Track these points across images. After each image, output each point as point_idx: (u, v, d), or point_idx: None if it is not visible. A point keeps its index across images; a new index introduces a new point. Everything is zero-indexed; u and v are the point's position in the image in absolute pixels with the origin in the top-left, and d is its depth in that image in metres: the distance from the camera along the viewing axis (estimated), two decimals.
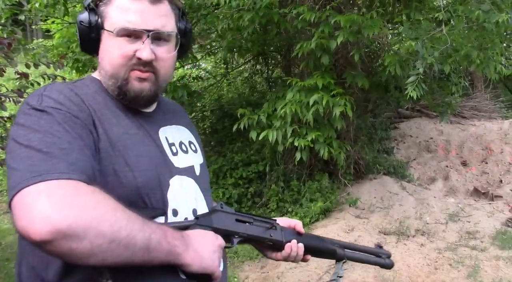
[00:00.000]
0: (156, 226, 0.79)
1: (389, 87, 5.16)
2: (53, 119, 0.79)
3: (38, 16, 5.33)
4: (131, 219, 0.74)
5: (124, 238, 0.72)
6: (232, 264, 3.91)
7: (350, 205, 4.92)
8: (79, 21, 0.92)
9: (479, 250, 3.95)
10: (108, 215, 0.71)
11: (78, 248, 0.68)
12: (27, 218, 0.67)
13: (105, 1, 0.92)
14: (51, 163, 0.72)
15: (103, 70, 0.94)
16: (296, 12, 4.17)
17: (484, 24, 3.49)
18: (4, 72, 2.79)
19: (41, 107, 0.80)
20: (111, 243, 0.70)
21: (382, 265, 1.28)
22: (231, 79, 7.56)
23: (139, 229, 0.75)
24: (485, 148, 6.18)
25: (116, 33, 0.89)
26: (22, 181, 0.70)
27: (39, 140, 0.75)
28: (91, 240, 0.68)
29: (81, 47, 0.96)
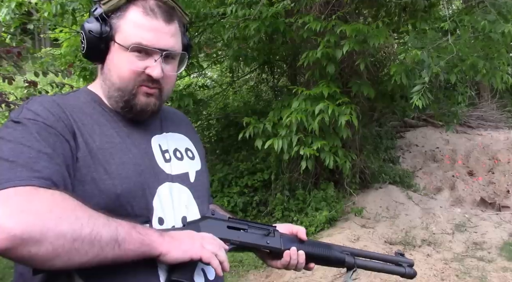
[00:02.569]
0: (123, 221, 0.79)
1: (394, 97, 5.16)
2: (26, 130, 0.80)
3: (47, 25, 5.40)
4: (93, 216, 0.75)
5: (87, 234, 0.72)
6: (237, 273, 3.89)
7: (356, 214, 4.89)
8: (88, 30, 0.92)
9: (486, 261, 3.91)
10: (66, 214, 0.71)
11: (40, 251, 0.68)
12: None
13: (118, 14, 0.92)
14: (14, 171, 0.73)
15: (109, 82, 0.94)
16: (302, 21, 4.20)
17: (490, 34, 3.50)
18: (14, 81, 2.82)
19: (17, 119, 0.82)
20: (74, 241, 0.70)
21: (403, 274, 1.20)
22: (237, 88, 7.59)
23: (103, 224, 0.75)
24: (491, 158, 6.14)
25: (129, 48, 0.90)
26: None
27: (9, 150, 0.77)
28: (52, 242, 0.68)
29: (85, 55, 0.96)
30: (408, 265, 1.21)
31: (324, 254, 1.09)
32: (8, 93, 3.01)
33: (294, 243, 1.07)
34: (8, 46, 2.82)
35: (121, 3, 0.92)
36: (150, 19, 0.91)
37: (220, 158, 6.18)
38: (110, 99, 0.95)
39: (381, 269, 1.19)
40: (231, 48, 5.05)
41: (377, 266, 1.18)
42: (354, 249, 1.15)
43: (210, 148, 6.73)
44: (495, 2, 3.74)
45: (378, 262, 1.19)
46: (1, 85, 5.68)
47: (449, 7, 4.41)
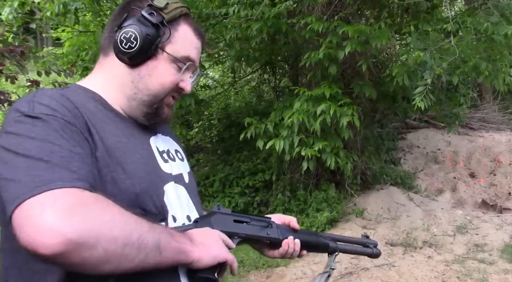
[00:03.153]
0: (162, 227, 0.80)
1: (396, 98, 5.16)
2: (48, 126, 0.75)
3: (49, 24, 5.41)
4: (138, 221, 0.74)
5: (136, 240, 0.71)
6: (238, 273, 3.89)
7: (357, 215, 4.89)
8: (146, 33, 0.89)
9: (488, 263, 3.90)
10: (117, 219, 0.70)
11: (92, 256, 0.66)
12: (33, 231, 0.63)
13: (174, 25, 0.93)
14: (53, 172, 0.69)
15: (143, 86, 0.93)
16: (304, 22, 4.20)
17: (492, 36, 3.49)
18: (17, 80, 2.82)
19: (34, 114, 0.76)
20: (124, 247, 0.69)
21: (370, 254, 1.30)
22: (238, 88, 7.60)
23: (148, 230, 0.74)
24: (493, 160, 6.13)
25: (179, 60, 0.94)
26: (25, 192, 0.66)
27: (38, 148, 0.71)
28: (105, 247, 0.67)
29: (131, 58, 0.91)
30: (374, 246, 1.32)
31: (315, 241, 1.16)
32: (10, 93, 3.02)
33: (289, 233, 1.11)
34: (11, 46, 2.82)
35: (177, 15, 0.93)
36: (197, 38, 0.97)
37: (222, 158, 6.18)
38: (132, 102, 0.94)
39: (355, 251, 1.29)
40: (233, 49, 5.06)
41: (353, 249, 1.27)
42: (331, 235, 1.23)
43: (211, 148, 6.74)
44: (498, 3, 3.73)
45: (354, 245, 1.28)
46: (3, 84, 5.70)
47: (451, 8, 4.41)
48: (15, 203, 0.65)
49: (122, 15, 0.92)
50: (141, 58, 0.92)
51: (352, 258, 3.94)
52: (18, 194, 0.66)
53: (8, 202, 0.67)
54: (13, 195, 0.67)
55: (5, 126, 0.77)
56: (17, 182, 0.68)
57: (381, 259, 3.96)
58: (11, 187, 0.68)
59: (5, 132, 0.76)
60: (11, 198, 0.67)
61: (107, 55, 0.95)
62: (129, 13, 0.91)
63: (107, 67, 0.95)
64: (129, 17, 0.91)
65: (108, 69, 0.95)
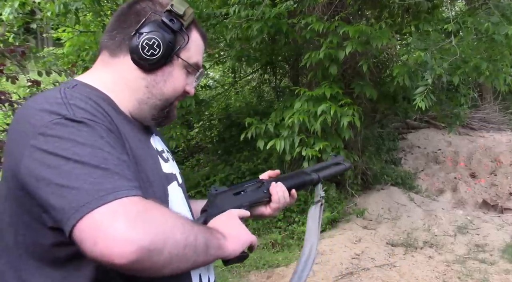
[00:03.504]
0: (204, 226, 0.86)
1: (397, 98, 5.15)
2: (94, 132, 0.74)
3: (50, 24, 5.41)
4: (190, 223, 0.78)
5: (192, 241, 0.74)
6: (238, 273, 3.89)
7: (358, 215, 4.89)
8: (168, 40, 0.89)
9: (488, 263, 3.90)
10: (177, 223, 0.73)
11: (160, 260, 0.67)
12: (108, 242, 0.63)
13: (189, 31, 0.94)
14: (113, 180, 0.69)
15: (158, 91, 0.93)
16: (305, 22, 4.20)
17: (493, 36, 3.49)
18: (17, 80, 2.82)
19: (77, 118, 0.74)
20: (184, 249, 0.72)
21: (344, 169, 1.37)
22: (239, 88, 7.60)
23: (198, 231, 0.77)
24: (494, 160, 6.13)
25: (190, 66, 0.95)
26: (90, 200, 0.66)
27: (90, 155, 0.70)
28: (170, 251, 0.69)
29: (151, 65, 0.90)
30: (343, 160, 1.38)
31: (299, 180, 1.21)
32: (11, 93, 3.02)
33: (275, 181, 1.17)
34: (11, 45, 2.82)
35: (191, 21, 0.94)
36: (203, 43, 1.00)
37: (222, 158, 6.19)
38: (143, 106, 0.92)
39: (335, 173, 1.35)
40: (233, 49, 5.06)
41: (331, 172, 1.33)
42: (309, 168, 1.28)
43: (212, 148, 6.75)
44: (498, 3, 3.73)
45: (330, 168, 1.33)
46: (4, 84, 5.70)
47: (452, 8, 4.41)
48: (80, 211, 0.65)
49: (136, 18, 0.90)
50: (160, 65, 0.91)
51: (353, 258, 3.94)
52: (82, 203, 0.66)
53: (67, 209, 0.66)
54: (75, 203, 0.66)
55: (39, 129, 0.73)
56: (77, 189, 0.67)
57: (382, 259, 3.96)
58: (70, 194, 0.67)
59: (41, 134, 0.72)
60: (72, 206, 0.66)
61: (117, 57, 0.92)
62: (146, 18, 0.89)
63: (116, 69, 0.92)
64: (148, 22, 0.89)
65: (118, 71, 0.92)
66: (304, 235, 1.22)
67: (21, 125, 0.77)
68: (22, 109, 0.80)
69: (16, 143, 0.76)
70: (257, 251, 4.24)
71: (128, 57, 0.90)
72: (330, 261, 3.88)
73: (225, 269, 3.82)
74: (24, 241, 0.78)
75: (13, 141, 0.78)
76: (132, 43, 0.89)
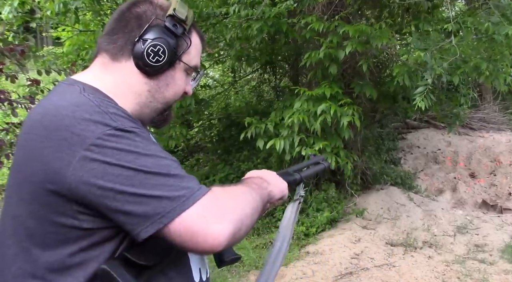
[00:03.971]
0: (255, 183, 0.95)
1: (397, 98, 5.15)
2: (145, 140, 0.79)
3: (49, 23, 5.41)
4: (248, 191, 0.89)
5: (256, 207, 0.87)
6: (238, 273, 3.89)
7: (357, 215, 4.88)
8: (173, 46, 0.91)
9: (488, 263, 3.90)
10: (243, 200, 0.84)
11: (241, 235, 0.81)
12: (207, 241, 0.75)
13: (190, 34, 0.95)
14: (185, 184, 0.77)
15: (160, 95, 0.94)
16: (305, 22, 4.20)
17: (493, 36, 3.49)
18: (17, 79, 2.81)
19: (126, 128, 0.78)
20: (252, 216, 0.84)
21: (324, 169, 1.41)
22: (238, 88, 7.59)
23: (255, 195, 0.89)
24: (493, 160, 6.13)
25: (191, 68, 0.97)
26: (175, 207, 0.74)
27: (156, 165, 0.77)
28: (246, 224, 0.82)
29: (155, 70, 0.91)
30: (322, 160, 1.43)
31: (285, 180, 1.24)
32: (10, 92, 3.01)
33: None
34: (11, 44, 2.81)
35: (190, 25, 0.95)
36: (202, 44, 1.01)
37: (222, 157, 6.18)
38: (145, 109, 0.93)
39: (315, 172, 1.40)
40: (233, 48, 5.05)
41: (312, 172, 1.38)
42: (291, 168, 1.32)
43: (211, 147, 6.74)
44: (498, 3, 3.73)
45: (310, 168, 1.38)
46: (3, 84, 5.69)
47: (452, 8, 4.40)
48: (168, 217, 0.74)
49: (137, 22, 0.90)
50: (163, 70, 0.92)
51: (352, 258, 3.94)
52: (168, 209, 0.74)
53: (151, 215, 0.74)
54: (160, 209, 0.74)
55: (91, 140, 0.75)
56: (159, 197, 0.75)
57: (381, 259, 3.96)
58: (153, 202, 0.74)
59: (96, 146, 0.74)
60: (157, 212, 0.74)
61: (118, 61, 0.91)
62: (149, 23, 0.90)
63: (118, 73, 0.92)
64: (151, 28, 0.90)
65: (120, 75, 0.92)
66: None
67: (55, 133, 0.76)
68: (49, 115, 0.79)
69: (50, 150, 0.76)
70: (256, 250, 4.24)
71: (130, 61, 0.91)
72: (330, 261, 3.88)
73: (225, 269, 3.82)
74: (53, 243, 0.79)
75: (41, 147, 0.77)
76: (136, 49, 0.89)
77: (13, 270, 0.81)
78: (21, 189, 0.81)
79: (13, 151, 2.95)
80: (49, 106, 0.81)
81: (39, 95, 3.05)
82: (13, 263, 0.81)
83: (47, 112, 0.80)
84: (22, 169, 0.81)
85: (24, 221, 0.80)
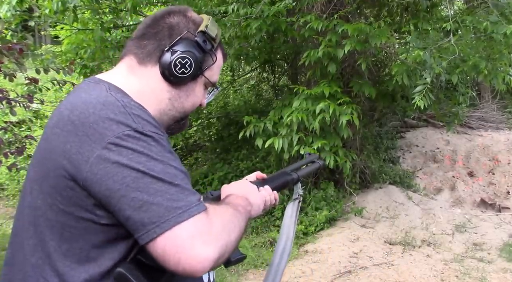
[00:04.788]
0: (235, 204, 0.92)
1: (396, 97, 5.15)
2: (162, 147, 0.80)
3: (48, 22, 5.39)
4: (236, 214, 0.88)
5: (241, 233, 0.86)
6: (237, 272, 3.89)
7: (356, 214, 4.89)
8: (199, 61, 0.94)
9: (486, 262, 3.91)
10: (230, 225, 0.83)
11: (222, 260, 0.80)
12: (190, 262, 0.74)
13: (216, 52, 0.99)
14: (185, 196, 0.77)
15: (180, 105, 0.97)
16: (304, 21, 4.19)
17: (492, 35, 3.49)
18: (15, 78, 2.81)
19: (146, 132, 0.79)
20: (236, 242, 0.84)
21: (319, 167, 1.42)
22: (237, 86, 7.59)
23: (241, 217, 0.88)
24: (492, 159, 6.14)
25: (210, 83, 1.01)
26: (169, 217, 0.74)
27: (164, 171, 0.77)
28: (229, 250, 0.81)
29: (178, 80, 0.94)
30: (318, 158, 1.44)
31: (283, 181, 1.27)
32: (8, 90, 3.01)
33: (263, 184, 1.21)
34: (9, 43, 2.81)
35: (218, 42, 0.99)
36: (223, 62, 1.05)
37: (220, 156, 6.18)
38: (163, 116, 0.96)
39: (311, 171, 1.41)
40: (232, 47, 5.04)
41: (309, 171, 1.39)
42: (289, 167, 1.34)
43: (210, 146, 6.74)
44: (497, 2, 3.73)
45: (307, 167, 1.39)
46: (1, 82, 5.68)
47: (451, 7, 4.40)
48: (161, 227, 0.74)
49: (169, 32, 0.94)
50: (186, 82, 0.96)
51: (351, 257, 3.95)
52: (163, 219, 0.74)
53: (147, 223, 0.74)
54: (156, 218, 0.74)
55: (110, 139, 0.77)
56: (156, 205, 0.75)
57: (380, 258, 3.96)
58: (150, 209, 0.75)
59: (113, 144, 0.77)
60: (152, 221, 0.74)
61: (144, 65, 0.94)
62: (181, 35, 0.93)
63: (144, 77, 0.94)
64: (182, 40, 0.93)
65: (145, 80, 0.94)
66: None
67: (81, 128, 0.79)
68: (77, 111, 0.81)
69: (73, 144, 0.78)
70: (256, 249, 4.24)
71: (156, 68, 0.94)
72: (328, 260, 3.89)
73: (223, 268, 3.82)
74: (72, 237, 0.81)
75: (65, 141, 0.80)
76: (164, 58, 0.92)
77: (33, 261, 0.83)
78: (43, 182, 0.83)
79: (11, 150, 2.95)
80: (78, 102, 0.83)
81: (37, 94, 3.05)
82: (32, 254, 0.83)
83: (76, 108, 0.82)
84: (45, 162, 0.83)
85: (44, 212, 0.83)
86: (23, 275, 0.84)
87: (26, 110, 3.11)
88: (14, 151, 2.92)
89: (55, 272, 0.81)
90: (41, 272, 0.82)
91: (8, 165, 3.06)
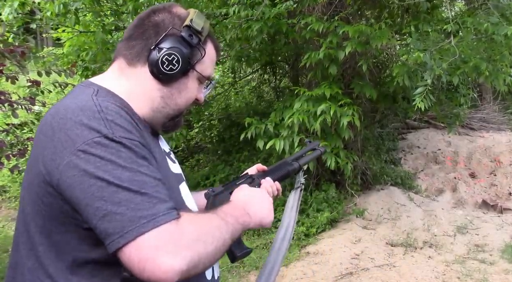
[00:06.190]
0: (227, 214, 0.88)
1: (397, 98, 5.15)
2: (133, 154, 0.78)
3: (49, 24, 5.41)
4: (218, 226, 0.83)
5: (221, 246, 0.82)
6: (238, 273, 3.89)
7: (357, 215, 4.89)
8: (187, 56, 0.93)
9: (488, 263, 3.90)
10: (207, 237, 0.79)
11: (196, 271, 0.77)
12: (154, 272, 0.71)
13: (205, 45, 0.98)
14: (152, 205, 0.74)
15: (172, 101, 0.97)
16: (305, 22, 4.20)
17: (493, 36, 3.49)
18: (17, 80, 2.82)
19: (116, 138, 0.77)
20: (215, 255, 0.80)
21: (320, 154, 1.44)
22: (238, 88, 7.60)
23: (225, 229, 0.84)
24: (493, 160, 6.13)
25: (204, 77, 0.99)
26: (133, 228, 0.72)
27: (131, 179, 0.75)
28: (203, 262, 0.78)
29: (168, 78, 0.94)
30: (318, 145, 1.45)
31: (284, 172, 1.27)
32: (10, 93, 3.02)
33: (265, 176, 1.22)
34: (11, 46, 2.82)
35: (207, 34, 0.98)
36: (216, 55, 1.03)
37: (222, 158, 6.18)
38: (157, 114, 0.96)
39: (312, 158, 1.42)
40: (233, 49, 5.05)
41: (309, 158, 1.40)
42: (290, 157, 1.34)
43: (211, 148, 6.74)
44: (498, 4, 3.73)
45: (307, 154, 1.40)
46: (3, 85, 5.70)
47: (451, 9, 4.41)
48: (124, 238, 0.72)
49: (154, 30, 0.93)
50: (176, 78, 0.95)
51: (353, 258, 3.94)
52: (126, 229, 0.72)
53: (111, 233, 0.73)
54: (119, 229, 0.72)
55: (80, 145, 0.76)
56: (120, 215, 0.73)
57: (382, 260, 3.96)
58: (113, 219, 0.73)
59: (82, 151, 0.75)
60: (116, 231, 0.72)
61: (134, 66, 0.94)
62: (166, 32, 0.92)
63: (133, 78, 0.95)
64: (167, 37, 0.92)
65: (136, 80, 0.94)
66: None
67: (57, 134, 0.78)
68: (58, 116, 0.81)
69: (49, 151, 0.78)
70: (257, 251, 4.24)
71: (145, 68, 0.93)
72: (330, 261, 3.88)
73: (225, 269, 3.83)
74: (60, 241, 0.81)
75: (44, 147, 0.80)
76: (151, 57, 0.92)
77: (29, 264, 0.84)
78: (30, 188, 0.84)
79: (14, 152, 2.97)
80: (60, 108, 0.83)
81: (39, 96, 3.06)
82: (28, 258, 0.84)
83: (57, 113, 0.82)
84: (32, 168, 0.84)
85: (33, 218, 0.83)
86: (23, 278, 0.85)
87: (28, 112, 3.12)
88: (16, 153, 2.93)
89: (49, 277, 0.82)
90: (38, 275, 0.83)
91: (10, 167, 3.08)
